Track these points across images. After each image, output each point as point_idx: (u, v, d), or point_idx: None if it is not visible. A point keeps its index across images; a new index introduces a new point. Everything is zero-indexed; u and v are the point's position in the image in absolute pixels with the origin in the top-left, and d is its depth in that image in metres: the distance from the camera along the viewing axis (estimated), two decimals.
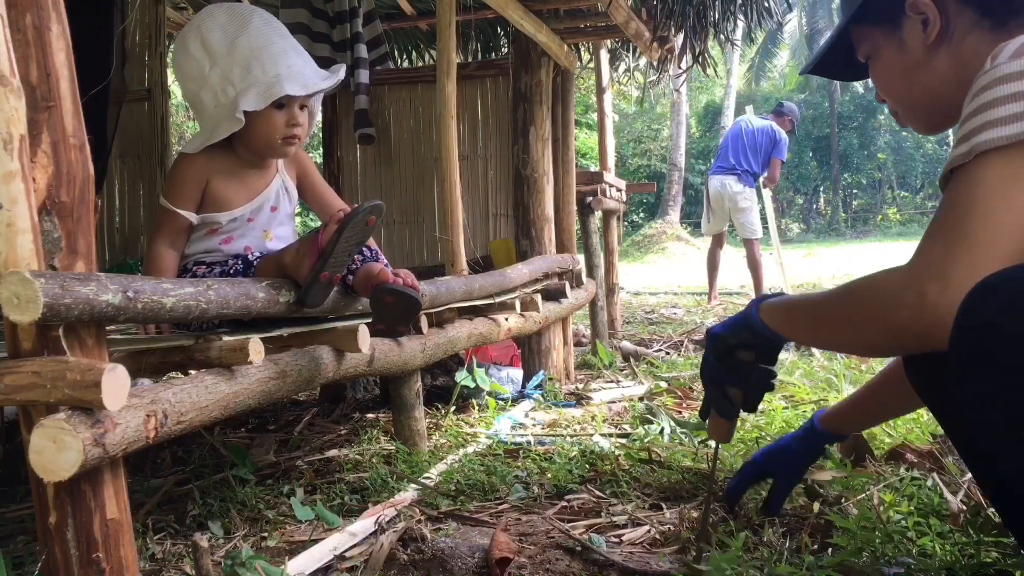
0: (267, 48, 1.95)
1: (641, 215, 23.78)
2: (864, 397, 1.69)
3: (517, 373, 3.51)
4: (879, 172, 27.75)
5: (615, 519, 1.85)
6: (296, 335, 1.91)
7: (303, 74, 1.98)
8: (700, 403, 1.60)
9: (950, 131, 1.33)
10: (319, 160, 6.18)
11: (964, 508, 1.64)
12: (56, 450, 1.09)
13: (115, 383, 1.13)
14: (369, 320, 2.06)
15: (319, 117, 4.77)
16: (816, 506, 1.76)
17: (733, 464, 2.12)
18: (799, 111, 7.83)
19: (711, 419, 1.57)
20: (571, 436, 2.65)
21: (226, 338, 1.61)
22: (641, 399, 3.16)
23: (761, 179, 7.36)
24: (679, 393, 3.19)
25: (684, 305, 7.58)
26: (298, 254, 1.80)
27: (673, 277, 11.72)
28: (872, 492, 1.76)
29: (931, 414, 1.38)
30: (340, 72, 2.05)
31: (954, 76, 1.25)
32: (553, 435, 2.69)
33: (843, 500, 1.80)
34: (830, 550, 1.55)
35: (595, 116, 6.73)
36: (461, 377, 3.06)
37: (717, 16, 4.06)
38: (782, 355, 3.99)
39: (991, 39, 1.19)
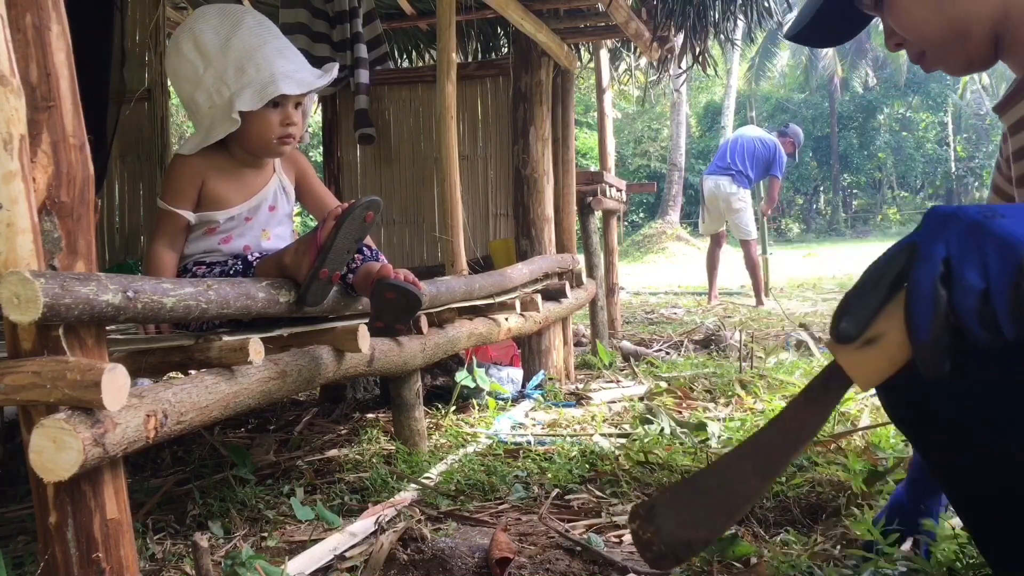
0: (261, 48, 1.95)
1: (641, 215, 23.79)
2: None
3: (517, 373, 3.51)
4: (879, 172, 27.76)
5: (615, 519, 1.85)
6: (296, 335, 1.91)
7: (297, 73, 1.98)
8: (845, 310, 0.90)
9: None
10: (319, 160, 6.17)
11: None
12: (56, 450, 1.09)
13: (115, 383, 1.13)
14: (368, 320, 2.06)
15: (317, 116, 4.78)
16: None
17: None
18: (802, 136, 7.90)
19: (871, 351, 0.89)
20: (571, 436, 2.65)
21: (226, 338, 1.61)
22: (641, 399, 3.16)
23: (762, 205, 7.50)
24: (679, 393, 3.19)
25: (684, 305, 7.58)
26: (297, 253, 1.80)
27: (673, 277, 11.72)
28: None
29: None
30: (333, 71, 2.05)
31: (982, 11, 1.12)
32: (553, 435, 2.69)
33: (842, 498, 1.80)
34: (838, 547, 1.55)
35: (595, 116, 6.73)
36: (461, 377, 3.06)
37: (717, 16, 4.06)
38: (783, 355, 4.01)
39: None
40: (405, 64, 5.01)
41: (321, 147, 4.70)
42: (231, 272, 1.96)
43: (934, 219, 0.85)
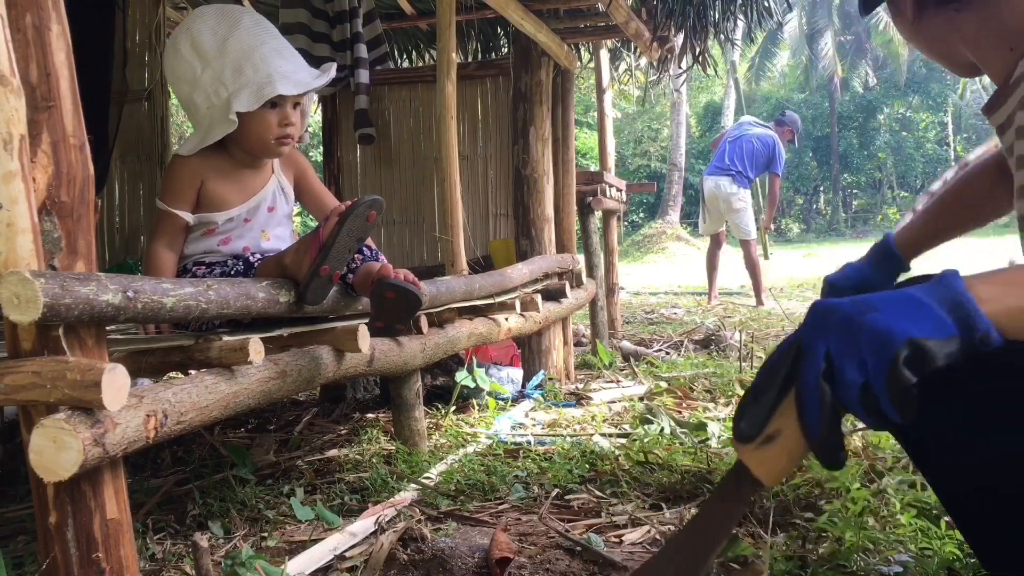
0: (258, 48, 1.95)
1: (641, 215, 23.79)
2: (937, 210, 1.51)
3: (517, 373, 3.51)
4: (879, 172, 27.76)
5: (615, 519, 1.86)
6: (296, 335, 1.91)
7: (295, 73, 1.98)
8: (742, 411, 0.91)
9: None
10: (319, 160, 6.16)
11: None
12: (56, 450, 1.09)
13: (115, 383, 1.13)
14: (368, 320, 2.06)
15: (317, 116, 4.78)
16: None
17: (730, 464, 2.12)
18: (800, 123, 7.88)
19: (770, 449, 0.89)
20: (571, 436, 2.65)
21: (226, 338, 1.61)
22: (641, 399, 3.16)
23: (762, 217, 7.53)
24: (679, 393, 3.19)
25: (684, 305, 7.58)
26: (298, 252, 1.80)
27: (673, 277, 11.72)
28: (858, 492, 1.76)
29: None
30: (331, 70, 2.05)
31: (949, 39, 1.23)
32: (553, 435, 2.69)
33: (822, 499, 1.80)
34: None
35: (595, 116, 6.73)
36: (461, 377, 3.06)
37: (717, 16, 4.06)
38: None
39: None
40: (405, 64, 5.01)
41: (321, 147, 4.70)
42: (232, 273, 1.96)
43: (815, 315, 0.88)
